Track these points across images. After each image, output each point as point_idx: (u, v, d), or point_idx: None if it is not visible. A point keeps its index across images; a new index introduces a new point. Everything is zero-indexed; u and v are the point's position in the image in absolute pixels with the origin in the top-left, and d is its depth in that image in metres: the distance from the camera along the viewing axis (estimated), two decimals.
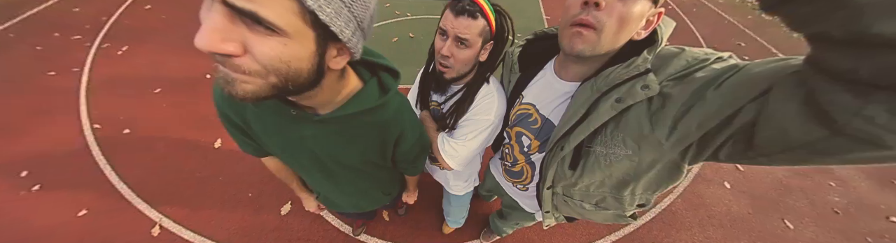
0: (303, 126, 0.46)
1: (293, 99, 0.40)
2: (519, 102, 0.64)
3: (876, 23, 0.20)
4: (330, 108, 0.43)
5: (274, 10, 0.23)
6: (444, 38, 0.55)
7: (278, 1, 0.23)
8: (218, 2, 0.23)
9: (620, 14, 0.41)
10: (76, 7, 2.92)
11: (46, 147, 1.64)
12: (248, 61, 0.26)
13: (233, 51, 0.25)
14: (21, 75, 2.11)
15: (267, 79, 0.28)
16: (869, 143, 0.25)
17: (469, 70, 0.62)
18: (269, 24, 0.24)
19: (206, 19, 0.24)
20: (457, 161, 0.68)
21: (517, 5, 3.44)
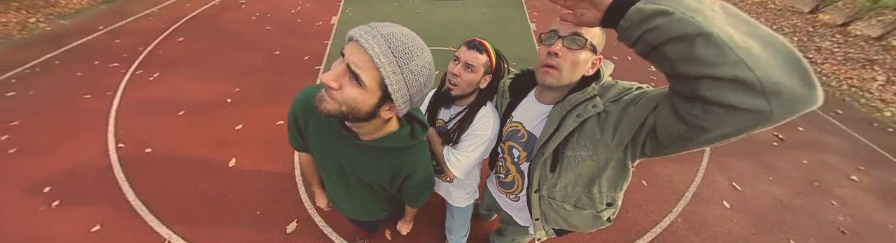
0: (344, 144, 0.64)
1: (349, 124, 0.59)
2: (509, 121, 0.85)
3: (682, 67, 0.40)
4: (369, 138, 0.61)
5: (367, 76, 0.44)
6: (457, 63, 0.80)
7: (372, 73, 0.44)
8: (344, 64, 0.44)
9: (572, 59, 0.65)
10: (117, 39, 3.44)
11: (71, 164, 1.82)
12: (338, 94, 0.47)
13: (335, 86, 0.46)
14: (60, 97, 2.42)
15: (340, 107, 0.48)
16: (701, 129, 0.44)
17: (471, 92, 0.84)
18: (360, 81, 0.45)
19: (335, 68, 0.46)
20: (459, 169, 0.87)
21: (512, 37, 3.98)
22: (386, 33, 0.42)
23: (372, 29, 0.42)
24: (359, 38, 0.41)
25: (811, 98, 0.36)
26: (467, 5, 4.91)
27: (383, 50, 0.41)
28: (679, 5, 0.37)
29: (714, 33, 0.35)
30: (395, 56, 0.42)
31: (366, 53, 0.41)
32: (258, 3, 4.57)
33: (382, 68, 0.42)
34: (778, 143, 2.51)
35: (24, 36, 3.52)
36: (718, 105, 0.39)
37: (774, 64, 0.35)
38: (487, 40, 0.81)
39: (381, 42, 0.41)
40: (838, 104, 3.23)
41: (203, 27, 3.75)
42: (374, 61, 0.41)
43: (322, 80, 0.44)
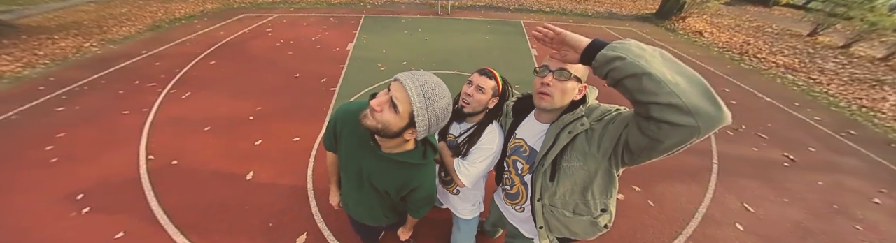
0: (368, 152, 0.79)
1: (378, 138, 0.74)
2: (513, 138, 1.01)
3: (637, 96, 0.57)
4: (389, 151, 0.77)
5: (402, 107, 0.62)
6: (470, 86, 0.98)
7: (406, 106, 0.59)
8: (389, 96, 0.62)
9: (561, 88, 0.82)
10: (157, 62, 3.92)
11: (105, 173, 2.02)
12: (379, 115, 0.65)
13: (378, 109, 0.64)
14: (102, 113, 2.74)
15: (376, 125, 0.66)
16: (657, 141, 0.59)
17: (480, 110, 1.00)
18: (397, 110, 0.63)
19: (380, 96, 0.64)
20: (468, 178, 1.00)
21: (515, 61, 4.33)
22: (423, 80, 0.60)
23: (413, 76, 0.61)
24: (404, 80, 0.60)
25: (721, 116, 0.52)
26: (472, 33, 5.45)
27: (418, 92, 0.59)
28: (629, 53, 0.55)
29: (653, 73, 0.53)
30: (425, 97, 0.60)
31: (406, 92, 0.60)
32: (283, 31, 5.21)
33: (414, 104, 0.60)
34: (789, 164, 2.54)
35: (78, 58, 4.06)
36: (664, 122, 0.55)
37: (694, 93, 0.52)
38: (491, 65, 1.03)
39: (418, 86, 0.59)
40: (850, 124, 3.29)
41: (233, 52, 4.26)
42: (410, 99, 0.59)
43: (371, 104, 0.64)
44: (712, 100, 0.52)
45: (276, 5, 7.14)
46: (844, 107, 3.69)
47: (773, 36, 7.08)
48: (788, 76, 4.59)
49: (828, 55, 5.87)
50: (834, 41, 6.92)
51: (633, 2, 10.19)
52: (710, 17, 8.38)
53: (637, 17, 7.75)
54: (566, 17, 7.23)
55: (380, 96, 0.64)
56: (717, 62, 4.90)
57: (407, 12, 6.72)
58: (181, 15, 6.21)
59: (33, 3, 7.93)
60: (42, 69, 3.73)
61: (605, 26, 6.57)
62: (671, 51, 5.23)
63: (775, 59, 5.29)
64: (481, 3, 8.22)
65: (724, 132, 2.92)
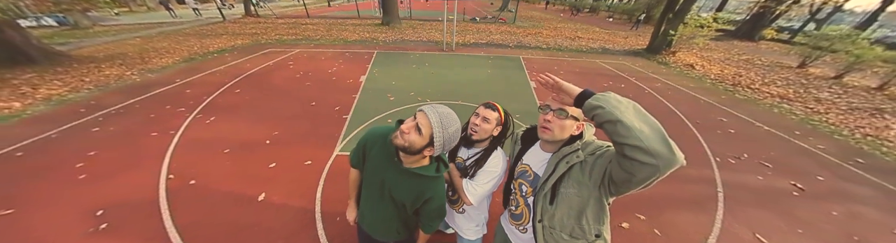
0: (391, 167, 0.98)
1: (401, 155, 0.94)
2: (520, 163, 1.16)
3: (614, 137, 0.77)
4: (409, 166, 0.97)
5: (425, 131, 0.86)
6: (477, 117, 1.16)
7: (427, 130, 0.84)
8: (415, 122, 0.86)
9: (559, 124, 0.96)
10: (188, 89, 4.42)
11: (126, 191, 2.19)
12: (407, 136, 0.87)
13: (407, 132, 0.87)
14: (132, 134, 3.03)
15: (404, 143, 0.88)
16: (632, 175, 0.74)
17: (486, 138, 1.17)
18: (421, 132, 0.86)
19: (408, 122, 0.88)
20: (474, 197, 1.16)
21: (515, 93, 4.72)
22: (440, 112, 0.86)
23: (433, 108, 0.87)
24: (427, 111, 0.85)
25: (674, 159, 0.68)
26: (475, 67, 6.07)
27: (437, 120, 0.84)
28: (608, 104, 0.73)
29: (624, 121, 0.70)
30: (441, 124, 0.84)
31: (428, 120, 0.84)
32: (303, 64, 5.90)
33: (434, 128, 0.84)
34: (798, 193, 2.57)
35: (119, 84, 4.60)
36: (634, 160, 0.71)
37: (655, 139, 0.69)
38: (492, 96, 1.30)
39: (436, 115, 0.85)
40: (857, 153, 3.37)
41: (256, 82, 4.79)
42: (431, 124, 0.84)
43: (401, 128, 0.87)
44: (668, 145, 0.69)
45: (298, 42, 8.18)
46: (848, 136, 3.82)
47: (764, 68, 7.63)
48: (785, 105, 4.84)
49: (821, 85, 6.24)
50: (825, 72, 7.40)
51: (624, 38, 11.33)
52: (699, 52, 9.16)
53: (629, 52, 8.53)
54: (562, 53, 8.01)
55: (408, 122, 0.88)
56: (710, 93, 5.23)
57: (415, 49, 7.59)
58: (214, 49, 7.12)
59: (88, 36, 9.23)
60: (86, 93, 4.23)
61: (599, 60, 7.22)
62: (664, 83, 5.68)
63: (769, 90, 5.64)
64: (483, 40, 9.24)
65: (726, 160, 3.03)
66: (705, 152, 3.17)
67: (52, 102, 3.87)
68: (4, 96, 3.95)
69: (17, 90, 4.19)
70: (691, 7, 7.84)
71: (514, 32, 11.19)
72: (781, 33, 14.49)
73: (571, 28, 13.72)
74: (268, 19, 13.27)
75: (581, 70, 6.27)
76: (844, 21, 23.23)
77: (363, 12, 15.25)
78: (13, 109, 3.61)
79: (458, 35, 9.61)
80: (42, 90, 4.24)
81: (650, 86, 5.40)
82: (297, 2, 23.49)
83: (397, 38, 9.11)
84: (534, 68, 6.16)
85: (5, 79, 4.68)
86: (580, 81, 5.38)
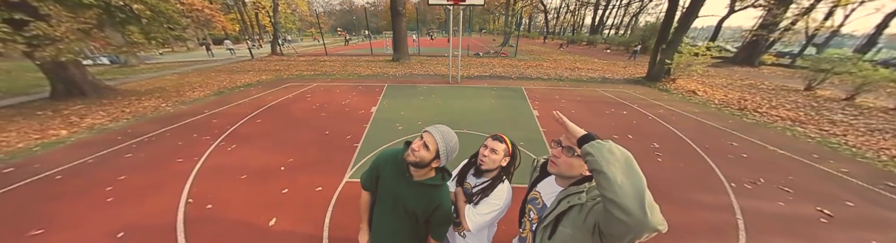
0: (403, 182, 1.15)
1: (412, 169, 1.12)
2: (534, 190, 1.19)
3: (597, 186, 0.74)
4: (418, 179, 1.14)
5: (432, 147, 1.06)
6: (485, 148, 1.23)
7: (433, 146, 1.05)
8: (423, 141, 1.06)
9: (566, 161, 0.98)
10: (215, 119, 4.87)
11: (147, 214, 2.34)
12: (418, 153, 1.07)
13: (417, 149, 1.07)
14: (160, 160, 3.31)
15: (416, 159, 1.08)
16: (609, 228, 0.74)
17: (495, 168, 1.24)
18: (429, 148, 1.05)
19: (417, 141, 1.08)
20: (473, 225, 1.22)
21: (518, 121, 4.94)
22: (441, 130, 1.06)
23: (436, 128, 1.07)
24: (431, 131, 1.05)
25: (646, 221, 0.64)
26: (479, 98, 6.51)
27: (440, 137, 1.04)
28: (599, 152, 0.75)
29: (606, 172, 0.71)
30: (444, 139, 1.04)
31: (433, 137, 1.04)
32: (319, 96, 6.49)
33: (439, 143, 1.04)
34: (827, 220, 2.46)
35: (154, 115, 5.13)
36: (610, 213, 0.71)
37: (632, 196, 0.67)
38: (496, 125, 1.48)
39: (439, 133, 1.05)
40: (886, 176, 3.26)
41: (277, 113, 5.26)
42: (436, 141, 1.04)
43: (412, 147, 1.06)
44: (643, 205, 0.66)
45: (316, 77, 9.08)
46: (873, 158, 3.72)
47: (769, 92, 7.80)
48: (798, 128, 4.83)
49: (834, 107, 6.26)
50: (835, 94, 7.46)
51: (623, 68, 11.99)
52: (700, 78, 9.51)
53: (629, 81, 8.95)
54: (562, 82, 8.51)
55: (416, 142, 1.08)
56: (716, 117, 5.30)
57: (423, 82, 8.26)
58: (241, 83, 7.97)
59: (134, 73, 10.52)
60: (124, 123, 4.72)
61: (600, 89, 7.59)
62: (667, 109, 5.83)
63: (778, 113, 5.68)
64: (487, 73, 9.99)
65: (742, 186, 2.98)
66: (718, 177, 3.14)
67: (94, 130, 4.33)
68: (55, 125, 4.47)
69: (67, 119, 4.75)
70: (682, 38, 8.46)
71: (516, 65, 12.07)
72: (781, 58, 15.08)
73: (571, 60, 14.72)
74: (290, 57, 14.93)
75: (582, 98, 6.57)
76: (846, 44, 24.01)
77: (376, 50, 17.03)
78: (60, 136, 4.06)
79: (463, 69, 10.42)
80: (87, 119, 4.78)
81: (653, 112, 5.55)
82: (317, 42, 26.54)
83: (406, 72, 9.97)
84: (536, 98, 6.53)
85: (58, 109, 5.34)
86: (582, 109, 5.60)
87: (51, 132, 4.16)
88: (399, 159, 1.11)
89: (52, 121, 4.61)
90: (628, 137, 4.25)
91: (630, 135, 4.35)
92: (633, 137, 4.26)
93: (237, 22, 27.95)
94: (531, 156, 3.52)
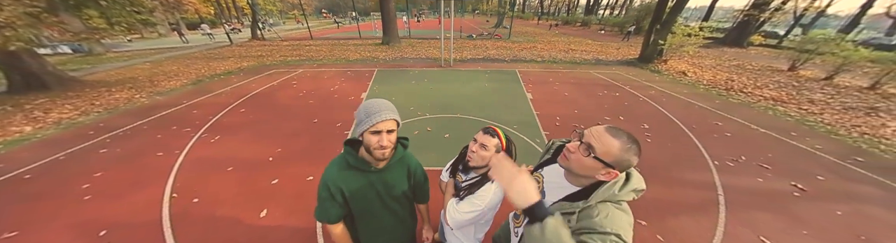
0: (373, 177, 1.07)
1: (377, 162, 1.03)
2: (538, 172, 1.08)
3: None
4: (385, 164, 1.06)
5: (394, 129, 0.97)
6: (475, 143, 1.12)
7: (392, 125, 0.94)
8: (387, 131, 0.93)
9: (577, 159, 0.80)
10: (195, 110, 4.63)
11: (130, 210, 2.25)
12: (386, 144, 0.97)
13: (387, 145, 0.95)
14: (139, 155, 3.16)
15: (390, 149, 0.97)
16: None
17: (484, 164, 1.12)
18: (395, 130, 0.96)
19: (385, 137, 0.94)
20: (453, 221, 1.11)
21: (512, 104, 4.88)
22: (385, 116, 0.91)
23: (379, 116, 0.91)
24: (383, 119, 0.90)
25: None
26: (472, 81, 6.33)
27: (390, 113, 0.93)
28: (530, 236, 0.64)
29: None
30: (391, 110, 0.94)
31: (394, 122, 0.94)
32: (306, 83, 6.18)
33: (393, 115, 0.94)
34: (800, 194, 2.58)
35: (128, 107, 4.83)
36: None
37: None
38: (490, 109, 1.38)
39: (383, 114, 0.92)
40: (855, 151, 3.40)
41: (261, 101, 5.01)
42: (396, 119, 0.94)
43: (385, 145, 0.93)
44: None
45: (302, 62, 8.61)
46: (844, 135, 3.86)
47: (755, 72, 7.86)
48: (779, 108, 4.94)
49: (813, 87, 6.38)
50: (816, 74, 7.59)
51: (616, 49, 11.81)
52: (690, 59, 9.49)
53: (622, 62, 8.85)
54: (556, 65, 8.34)
55: (383, 136, 0.94)
56: (704, 98, 5.37)
57: (414, 66, 7.94)
58: (221, 71, 7.51)
59: (101, 62, 9.77)
60: (95, 116, 4.44)
61: (594, 71, 7.49)
62: (658, 90, 5.85)
63: (762, 93, 5.78)
64: (480, 56, 9.66)
65: (725, 163, 3.07)
66: (703, 156, 3.22)
67: (62, 126, 4.07)
68: (17, 121, 4.17)
69: (30, 115, 4.42)
70: (676, 18, 8.26)
71: (510, 47, 11.70)
72: (769, 39, 15.05)
73: (565, 41, 14.34)
74: (273, 42, 14.04)
75: (576, 81, 6.49)
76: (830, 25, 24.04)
77: (364, 33, 16.11)
78: (24, 133, 3.80)
79: (456, 51, 10.06)
80: (53, 114, 4.47)
81: (645, 93, 5.56)
82: (301, 25, 25.01)
83: (397, 56, 9.55)
84: (530, 81, 6.40)
85: (19, 104, 4.95)
86: (576, 91, 5.57)
87: (13, 129, 3.88)
88: (352, 163, 1.03)
89: (13, 117, 4.29)
90: (620, 119, 4.28)
91: (622, 116, 4.37)
92: (624, 118, 4.28)
93: (212, 4, 25.80)
94: (526, 141, 3.53)
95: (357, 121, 0.95)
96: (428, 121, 4.13)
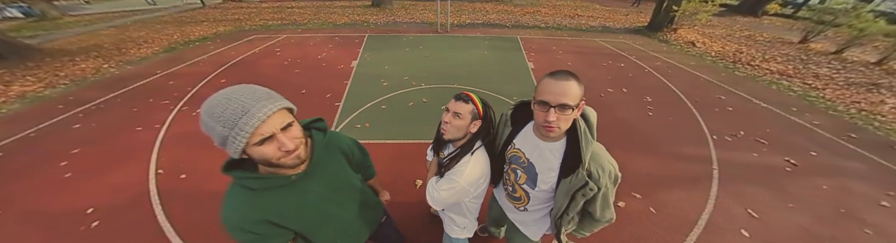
0: (305, 187, 0.77)
1: (283, 172, 0.72)
2: (511, 147, 1.02)
3: None
4: (306, 164, 0.74)
5: (295, 127, 0.66)
6: (447, 113, 0.97)
7: (281, 119, 0.61)
8: (280, 130, 0.60)
9: (565, 119, 0.82)
10: (171, 81, 4.20)
11: (115, 188, 2.13)
12: (296, 142, 0.64)
13: (294, 147, 0.63)
14: (116, 129, 2.91)
15: (302, 156, 0.67)
16: None
17: (462, 136, 0.98)
18: (293, 125, 0.64)
19: (281, 141, 0.61)
20: (433, 201, 0.99)
21: (513, 74, 4.53)
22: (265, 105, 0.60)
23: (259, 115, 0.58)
24: (265, 113, 0.58)
25: None
26: (471, 49, 5.77)
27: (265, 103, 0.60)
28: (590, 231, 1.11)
29: None
30: (282, 104, 0.63)
31: (282, 113, 0.63)
32: (290, 50, 5.57)
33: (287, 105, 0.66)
34: (791, 169, 2.57)
35: (97, 78, 4.36)
36: None
37: None
38: (489, 79, 1.13)
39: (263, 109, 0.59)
40: (850, 128, 3.33)
41: (243, 71, 4.55)
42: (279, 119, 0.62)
43: (293, 145, 0.63)
44: None
45: (284, 27, 7.68)
46: (843, 111, 3.75)
47: (765, 44, 7.35)
48: (784, 82, 4.71)
49: (821, 61, 6.05)
50: (826, 47, 7.14)
51: (625, 16, 10.74)
52: (701, 28, 8.75)
53: (630, 30, 8.13)
54: (561, 32, 7.62)
55: (282, 141, 0.63)
56: (710, 70, 5.06)
57: (408, 31, 7.15)
58: (195, 37, 6.70)
59: (59, 28, 8.63)
60: (62, 89, 4.02)
61: (599, 39, 6.89)
62: (664, 61, 5.47)
63: (769, 66, 5.46)
64: (479, 20, 8.72)
65: (723, 138, 2.99)
66: (703, 130, 3.12)
67: (26, 100, 3.68)
68: None
69: None
70: None
71: (512, 11, 10.56)
72: (785, 8, 13.82)
73: (571, 6, 12.93)
74: (251, 4, 12.37)
75: (580, 49, 5.99)
76: None
77: None
78: None
79: (453, 15, 9.04)
80: (14, 87, 4.01)
81: (650, 64, 5.19)
82: None
83: (389, 19, 8.57)
84: (532, 49, 5.88)
85: None
86: (579, 61, 5.17)
87: None
88: (257, 187, 0.74)
89: None
90: (623, 91, 4.04)
91: (625, 88, 4.12)
92: (627, 90, 4.05)
93: None
94: (511, 106, 3.30)
95: (216, 136, 0.60)
96: (423, 91, 3.85)
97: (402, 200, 2.05)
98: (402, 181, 2.27)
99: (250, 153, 0.64)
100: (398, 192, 2.11)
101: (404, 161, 2.49)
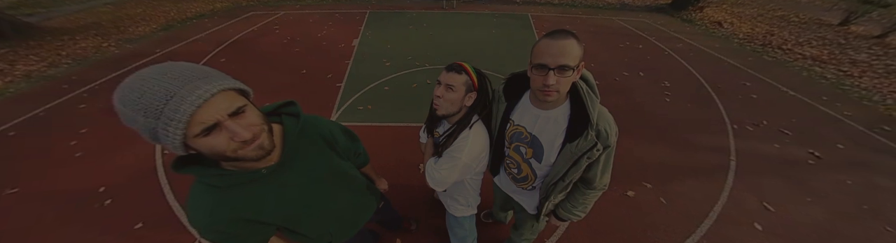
0: (286, 179, 0.66)
1: (250, 165, 0.59)
2: (511, 124, 0.92)
3: None
4: (277, 154, 0.62)
5: (250, 113, 0.51)
6: (439, 86, 0.87)
7: (228, 103, 0.48)
8: (228, 116, 0.47)
9: (565, 82, 0.74)
10: (171, 60, 3.98)
11: (124, 166, 2.12)
12: (258, 140, 0.52)
13: (252, 137, 0.50)
14: None
15: (270, 144, 0.54)
16: None
17: (457, 110, 0.89)
18: (246, 110, 0.50)
19: (237, 133, 0.48)
20: (433, 181, 0.92)
21: (522, 55, 4.02)
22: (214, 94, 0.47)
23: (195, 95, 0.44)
24: (201, 98, 0.45)
25: None
26: (479, 27, 5.32)
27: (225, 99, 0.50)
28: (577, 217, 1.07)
29: None
30: (227, 84, 0.51)
31: (229, 96, 0.51)
32: (289, 28, 5.22)
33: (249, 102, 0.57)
34: (814, 162, 2.39)
35: (98, 57, 4.20)
36: None
37: None
38: (498, 58, 0.96)
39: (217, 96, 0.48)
40: (884, 120, 3.05)
41: (242, 49, 4.30)
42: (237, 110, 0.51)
43: (249, 133, 0.51)
44: None
45: (282, 2, 7.14)
46: (878, 102, 3.43)
47: (800, 25, 6.63)
48: (816, 68, 4.29)
49: (861, 46, 5.45)
50: (868, 31, 6.40)
51: None
52: (730, 7, 7.90)
53: (651, 8, 7.37)
54: (575, 9, 6.96)
55: (235, 133, 0.50)
56: (736, 54, 4.62)
57: (412, 7, 6.60)
58: (192, 14, 6.31)
59: (55, 5, 8.21)
60: (65, 68, 3.88)
61: (617, 18, 6.29)
62: (686, 43, 4.99)
63: (802, 51, 4.95)
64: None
65: (744, 128, 2.77)
66: (723, 119, 2.89)
67: (32, 79, 3.57)
68: None
69: None
70: None
71: None
72: None
73: None
74: None
75: (596, 29, 5.49)
76: None
77: None
78: None
79: None
80: (19, 66, 3.88)
81: (671, 46, 4.75)
82: None
83: None
84: (543, 27, 5.41)
85: None
86: (594, 42, 4.74)
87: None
88: (224, 185, 0.62)
89: None
90: (639, 75, 3.74)
91: (642, 72, 3.80)
92: (644, 74, 3.74)
93: None
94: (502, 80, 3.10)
95: (142, 129, 0.48)
96: (428, 72, 3.62)
97: (405, 183, 1.98)
98: (405, 165, 2.18)
99: (196, 147, 0.50)
100: (400, 176, 2.04)
101: (407, 144, 2.38)
